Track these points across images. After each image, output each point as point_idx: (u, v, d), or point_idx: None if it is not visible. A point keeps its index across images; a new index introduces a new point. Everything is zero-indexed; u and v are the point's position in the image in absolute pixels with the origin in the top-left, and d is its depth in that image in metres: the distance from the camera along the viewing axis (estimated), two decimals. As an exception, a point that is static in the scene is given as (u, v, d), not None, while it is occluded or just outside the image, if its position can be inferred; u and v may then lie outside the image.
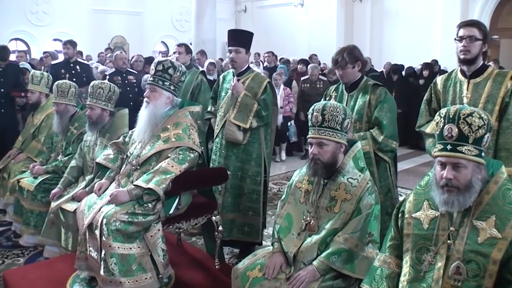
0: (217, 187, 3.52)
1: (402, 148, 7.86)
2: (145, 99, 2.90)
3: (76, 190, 3.40)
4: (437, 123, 1.78)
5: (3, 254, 3.82)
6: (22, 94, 5.36)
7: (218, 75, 5.59)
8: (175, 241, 3.46)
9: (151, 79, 2.90)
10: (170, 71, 2.88)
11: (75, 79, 5.09)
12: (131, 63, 7.02)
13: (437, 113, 1.80)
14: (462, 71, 2.79)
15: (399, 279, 1.86)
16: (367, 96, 3.05)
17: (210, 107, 3.94)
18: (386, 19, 12.23)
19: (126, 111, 3.71)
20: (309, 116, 2.35)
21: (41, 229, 3.58)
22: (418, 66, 9.27)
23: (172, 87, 2.91)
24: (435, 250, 1.76)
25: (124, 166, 2.93)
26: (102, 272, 2.51)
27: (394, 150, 3.06)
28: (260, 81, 3.65)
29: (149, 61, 6.69)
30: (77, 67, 6.21)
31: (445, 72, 4.95)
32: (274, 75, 7.46)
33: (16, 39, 12.10)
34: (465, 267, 1.67)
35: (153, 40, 14.23)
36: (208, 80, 6.17)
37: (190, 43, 11.87)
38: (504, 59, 10.23)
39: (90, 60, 9.65)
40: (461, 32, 2.67)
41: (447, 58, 8.38)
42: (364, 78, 3.14)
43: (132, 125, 3.21)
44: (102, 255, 2.51)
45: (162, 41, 14.70)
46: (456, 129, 1.70)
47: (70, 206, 3.28)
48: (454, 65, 2.94)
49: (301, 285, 2.14)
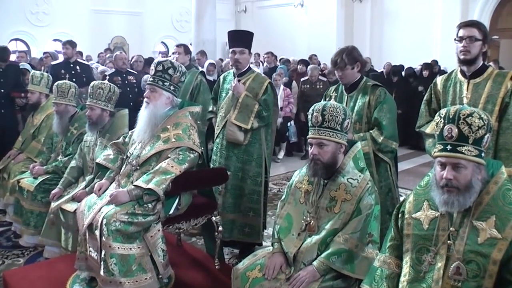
0: (217, 187, 3.53)
1: (402, 148, 7.86)
2: (145, 100, 2.90)
3: (76, 191, 3.40)
4: (437, 123, 1.78)
5: (3, 254, 3.82)
6: (22, 94, 5.37)
7: (218, 76, 5.59)
8: (175, 241, 3.46)
9: (151, 79, 2.90)
10: (170, 71, 2.88)
11: (75, 80, 5.09)
12: (131, 63, 7.02)
13: (437, 114, 1.80)
14: (462, 72, 2.79)
15: (399, 279, 1.86)
16: (366, 97, 3.05)
17: (212, 107, 3.93)
18: (386, 19, 12.22)
19: (126, 111, 3.71)
20: (309, 116, 2.35)
21: (41, 230, 3.58)
22: (418, 67, 9.26)
23: (172, 88, 2.91)
24: (435, 251, 1.76)
25: (124, 166, 2.93)
26: (102, 273, 2.51)
27: (394, 150, 3.06)
28: (261, 82, 3.65)
29: (149, 62, 6.68)
30: (77, 67, 6.21)
31: (445, 72, 4.95)
32: (274, 75, 7.44)
33: (16, 39, 12.08)
34: (465, 268, 1.67)
35: (153, 40, 14.22)
36: (208, 80, 6.17)
37: (190, 44, 11.87)
38: (504, 59, 10.23)
39: (90, 60, 9.64)
40: (461, 33, 2.67)
41: (447, 59, 8.37)
42: (364, 79, 3.14)
43: (132, 125, 3.21)
44: (102, 256, 2.51)
45: (162, 42, 14.69)
46: (456, 130, 1.70)
47: (70, 207, 3.28)
48: (454, 66, 2.94)
49: (301, 285, 2.14)
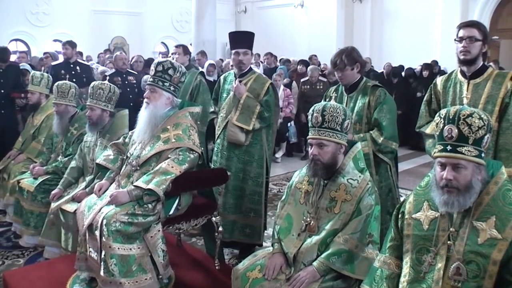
0: (217, 187, 3.52)
1: (402, 148, 7.85)
2: (145, 100, 2.90)
3: (76, 191, 3.40)
4: (437, 123, 1.77)
5: (3, 254, 3.82)
6: (22, 95, 5.37)
7: (218, 76, 5.59)
8: (175, 241, 3.46)
9: (151, 79, 2.89)
10: (170, 71, 2.88)
11: (75, 80, 5.09)
12: (131, 63, 7.01)
13: (437, 114, 1.80)
14: (462, 72, 2.79)
15: (399, 279, 1.86)
16: (366, 98, 3.05)
17: (213, 108, 3.92)
18: (386, 19, 12.23)
19: (126, 111, 3.71)
20: (309, 117, 2.36)
21: (41, 230, 3.58)
22: (418, 67, 9.26)
23: (172, 88, 2.91)
24: (435, 251, 1.76)
25: (124, 167, 2.93)
26: (102, 273, 2.51)
27: (394, 151, 3.06)
28: (262, 83, 3.64)
29: (148, 64, 6.67)
30: (77, 67, 6.21)
31: (445, 73, 4.95)
32: (274, 75, 7.44)
33: (16, 39, 12.09)
34: (465, 268, 1.67)
35: (153, 40, 14.22)
36: (208, 81, 6.17)
37: (190, 44, 11.87)
38: (504, 59, 10.23)
39: (90, 60, 9.64)
40: (461, 33, 2.67)
41: (447, 59, 8.37)
42: (364, 79, 3.14)
43: (132, 125, 3.21)
44: (102, 256, 2.51)
45: (162, 42, 14.68)
46: (456, 130, 1.69)
47: (70, 207, 3.28)
48: (454, 66, 2.94)
49: (301, 285, 2.14)
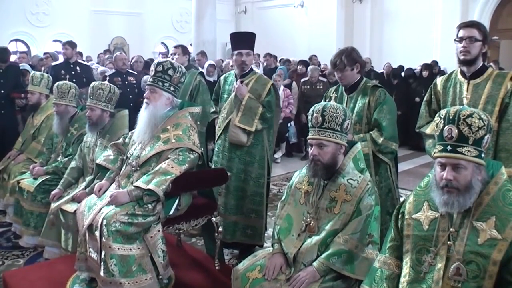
0: (217, 188, 3.52)
1: (402, 149, 7.84)
2: (145, 100, 2.90)
3: (76, 191, 3.40)
4: (437, 124, 1.77)
5: (3, 255, 3.82)
6: (22, 95, 5.37)
7: (218, 77, 5.59)
8: (175, 242, 3.46)
9: (151, 80, 2.90)
10: (170, 72, 2.88)
11: (75, 80, 5.09)
12: (131, 64, 7.01)
13: (437, 114, 1.80)
14: (462, 72, 2.79)
15: (399, 280, 1.86)
16: (366, 98, 3.05)
17: (215, 108, 3.91)
18: (386, 20, 12.23)
19: (126, 112, 3.71)
20: (309, 117, 2.35)
21: (41, 230, 3.58)
22: (418, 67, 9.26)
23: (172, 88, 2.91)
24: (435, 251, 1.75)
25: (124, 167, 2.93)
26: (102, 273, 2.51)
27: (394, 151, 3.06)
28: (263, 83, 3.63)
29: (148, 65, 6.66)
30: (77, 68, 6.21)
31: (444, 73, 4.95)
32: (274, 76, 7.44)
33: (16, 40, 12.09)
34: (465, 268, 1.67)
35: (153, 41, 14.22)
36: (208, 81, 6.17)
37: (190, 44, 11.87)
38: (504, 60, 10.23)
39: (90, 61, 9.64)
40: (461, 33, 2.67)
41: (447, 59, 8.37)
42: (364, 80, 3.14)
43: (132, 126, 3.21)
44: (102, 256, 2.51)
45: (162, 42, 14.68)
46: (456, 130, 1.69)
47: (70, 207, 3.29)
48: (454, 66, 2.94)
49: (301, 286, 2.14)
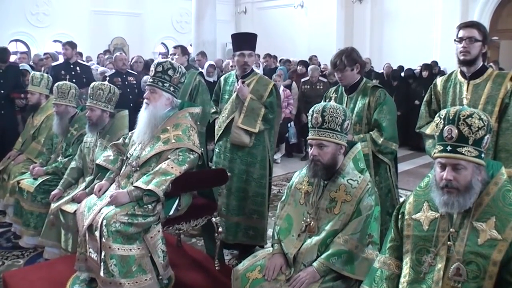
0: (218, 188, 3.52)
1: (402, 149, 7.84)
2: (145, 101, 2.90)
3: (76, 192, 3.40)
4: (437, 124, 1.77)
5: (3, 255, 3.81)
6: (21, 95, 5.37)
7: (218, 77, 5.58)
8: (175, 242, 3.46)
9: (151, 80, 2.89)
10: (170, 72, 2.88)
11: (75, 80, 5.09)
12: (131, 64, 7.00)
13: (437, 115, 1.80)
14: (462, 72, 2.79)
15: (399, 280, 1.86)
16: (366, 98, 3.05)
17: (215, 108, 3.90)
18: (386, 20, 12.23)
19: (126, 112, 3.71)
20: (309, 117, 2.36)
21: (41, 230, 3.59)
22: (418, 68, 9.26)
23: (171, 88, 2.91)
24: (435, 252, 1.75)
25: (124, 167, 2.93)
26: (102, 274, 2.51)
27: (394, 152, 3.06)
28: (265, 84, 3.62)
29: (147, 66, 6.65)
30: (77, 68, 6.21)
31: (444, 73, 4.95)
32: (274, 76, 7.44)
33: (16, 40, 12.09)
34: (465, 269, 1.67)
35: (153, 41, 14.22)
36: (208, 82, 6.17)
37: (190, 45, 11.87)
38: (504, 60, 10.22)
39: (90, 61, 9.63)
40: (461, 33, 2.67)
41: (447, 59, 8.37)
42: (364, 80, 3.14)
43: (132, 126, 3.21)
44: (102, 257, 2.51)
45: (162, 43, 14.68)
46: (456, 130, 1.69)
47: (70, 207, 3.29)
48: (454, 66, 2.94)
49: (301, 286, 2.14)
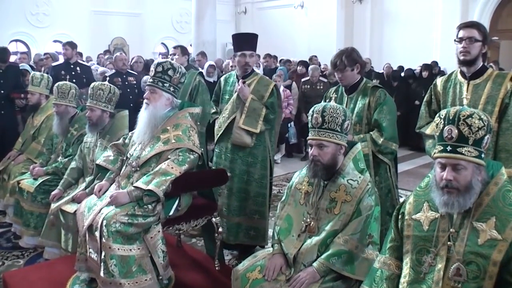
0: (218, 188, 3.52)
1: (402, 149, 7.84)
2: (145, 101, 2.90)
3: (76, 192, 3.40)
4: (437, 124, 1.77)
5: (3, 255, 3.81)
6: (21, 95, 5.37)
7: (218, 77, 5.58)
8: (175, 242, 3.46)
9: (151, 80, 2.89)
10: (170, 72, 2.88)
11: (75, 81, 5.09)
12: (131, 64, 7.00)
13: (437, 115, 1.80)
14: (462, 73, 2.79)
15: (399, 280, 1.86)
16: (366, 98, 3.05)
17: (215, 108, 3.89)
18: (386, 20, 12.23)
19: (126, 112, 3.71)
20: (309, 117, 2.36)
21: (41, 231, 3.59)
22: (418, 68, 9.26)
23: (171, 89, 2.91)
24: (435, 252, 1.75)
25: (124, 167, 2.93)
26: (102, 274, 2.51)
27: (394, 152, 3.06)
28: (266, 84, 3.62)
29: (147, 66, 6.64)
30: (78, 68, 6.21)
31: (444, 73, 4.95)
32: (274, 76, 7.43)
33: (16, 40, 12.09)
34: (465, 269, 1.67)
35: (153, 41, 14.23)
36: (208, 82, 6.17)
37: (190, 45, 11.87)
38: (504, 60, 10.22)
39: (90, 61, 9.63)
40: (461, 34, 2.68)
41: (447, 60, 8.36)
42: (364, 80, 3.14)
43: (132, 126, 3.21)
44: (102, 257, 2.51)
45: (162, 43, 14.69)
46: (456, 131, 1.69)
47: (70, 208, 3.29)
48: (454, 67, 2.94)
49: (301, 286, 2.14)
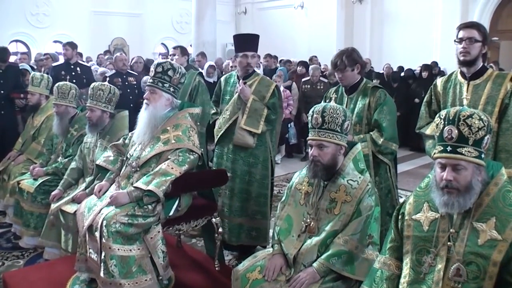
0: (218, 188, 3.52)
1: (402, 150, 7.84)
2: (145, 101, 2.90)
3: (76, 192, 3.40)
4: (437, 124, 1.77)
5: (3, 255, 3.81)
6: (21, 95, 5.37)
7: (218, 78, 5.58)
8: (175, 243, 3.46)
9: (151, 80, 2.90)
10: (170, 72, 2.88)
11: (75, 81, 5.10)
12: (131, 64, 7.01)
13: (437, 115, 1.80)
14: (462, 73, 2.79)
15: (399, 281, 1.86)
16: (366, 99, 3.05)
17: (215, 109, 3.88)
18: (386, 20, 12.23)
19: (126, 113, 3.71)
20: (309, 118, 2.36)
21: (41, 231, 3.59)
22: (418, 68, 9.26)
23: (171, 89, 2.91)
24: (435, 252, 1.75)
25: (124, 168, 2.93)
26: (102, 274, 2.51)
27: (394, 152, 3.06)
28: (267, 85, 3.62)
29: (148, 67, 6.63)
30: (78, 68, 6.21)
31: (444, 74, 4.95)
32: (274, 76, 7.43)
33: (16, 41, 12.10)
34: (465, 269, 1.67)
35: (153, 42, 14.23)
36: (208, 82, 6.17)
37: (190, 45, 11.87)
38: (504, 61, 10.22)
39: (90, 61, 9.64)
40: (461, 34, 2.68)
41: (447, 60, 8.37)
42: (364, 81, 3.14)
43: (132, 127, 3.21)
44: (102, 257, 2.51)
45: (162, 43, 14.69)
46: (456, 131, 1.69)
47: (70, 208, 3.29)
48: (454, 67, 2.94)
49: (301, 287, 2.14)
